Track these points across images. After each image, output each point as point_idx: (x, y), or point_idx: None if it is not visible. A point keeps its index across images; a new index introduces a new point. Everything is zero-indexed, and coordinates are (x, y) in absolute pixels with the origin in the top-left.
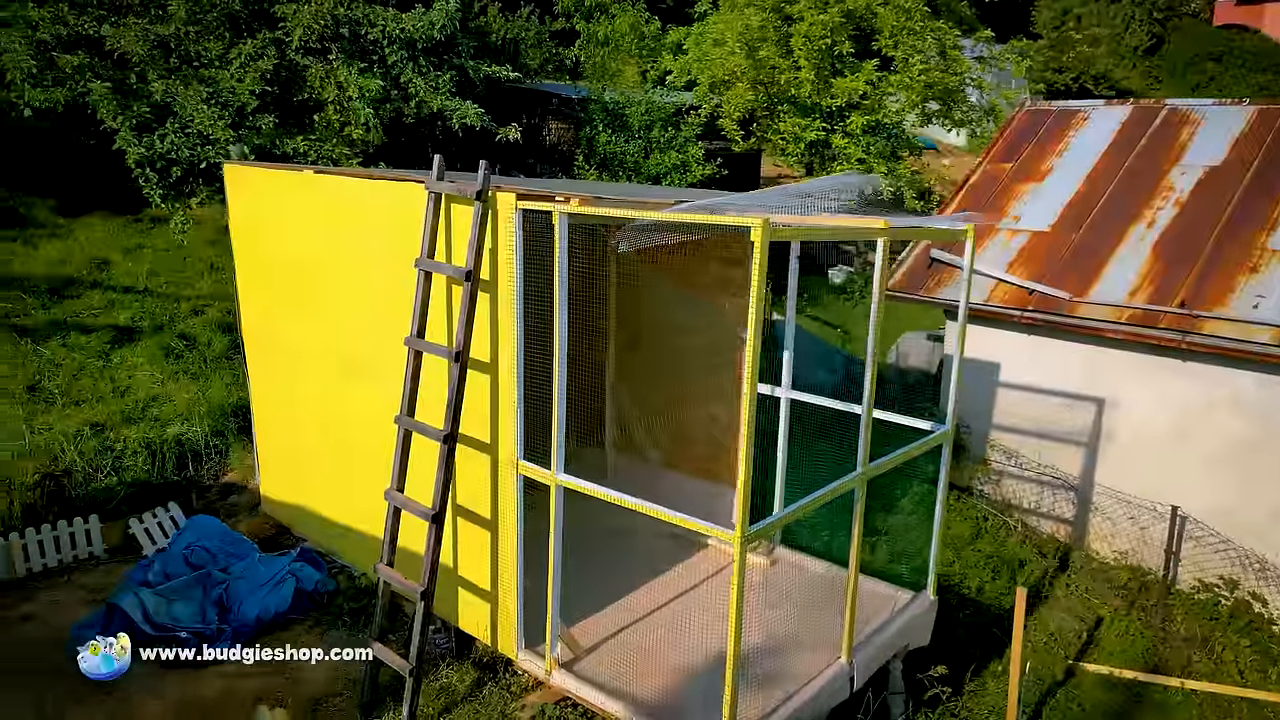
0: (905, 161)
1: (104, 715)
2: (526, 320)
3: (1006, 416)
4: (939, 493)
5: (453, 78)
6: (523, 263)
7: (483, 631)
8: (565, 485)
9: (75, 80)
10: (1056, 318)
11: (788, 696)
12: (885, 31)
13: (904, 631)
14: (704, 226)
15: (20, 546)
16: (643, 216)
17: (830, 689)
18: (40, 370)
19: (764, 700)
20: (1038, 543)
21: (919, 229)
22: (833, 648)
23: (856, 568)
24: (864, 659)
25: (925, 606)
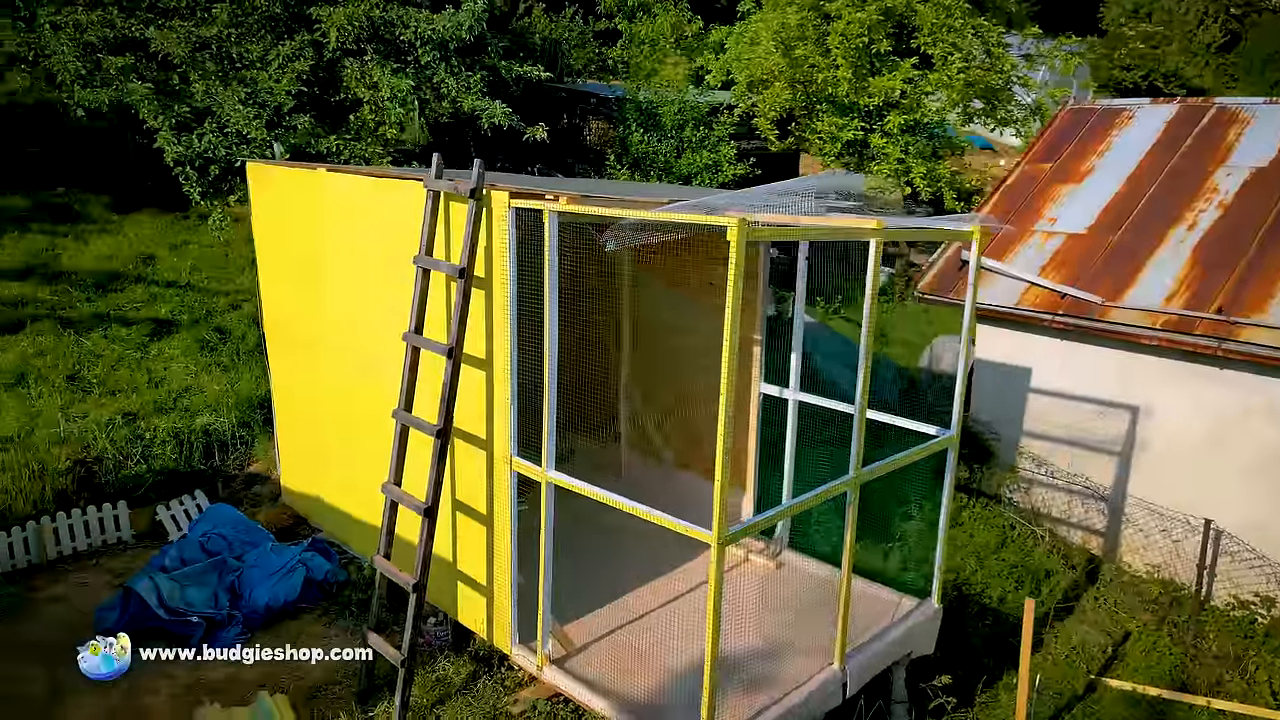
0: (945, 162)
1: (117, 694)
2: (534, 319)
3: (1037, 423)
4: (943, 499)
5: (483, 78)
6: (516, 260)
7: (479, 625)
8: (556, 483)
9: (120, 81)
10: (1088, 323)
11: (775, 700)
12: (925, 29)
13: (905, 639)
14: (688, 225)
15: (51, 530)
16: (627, 215)
17: (820, 694)
18: (80, 360)
19: (751, 703)
20: (1066, 553)
21: (919, 230)
22: (828, 653)
23: (849, 572)
24: (858, 665)
25: (929, 614)
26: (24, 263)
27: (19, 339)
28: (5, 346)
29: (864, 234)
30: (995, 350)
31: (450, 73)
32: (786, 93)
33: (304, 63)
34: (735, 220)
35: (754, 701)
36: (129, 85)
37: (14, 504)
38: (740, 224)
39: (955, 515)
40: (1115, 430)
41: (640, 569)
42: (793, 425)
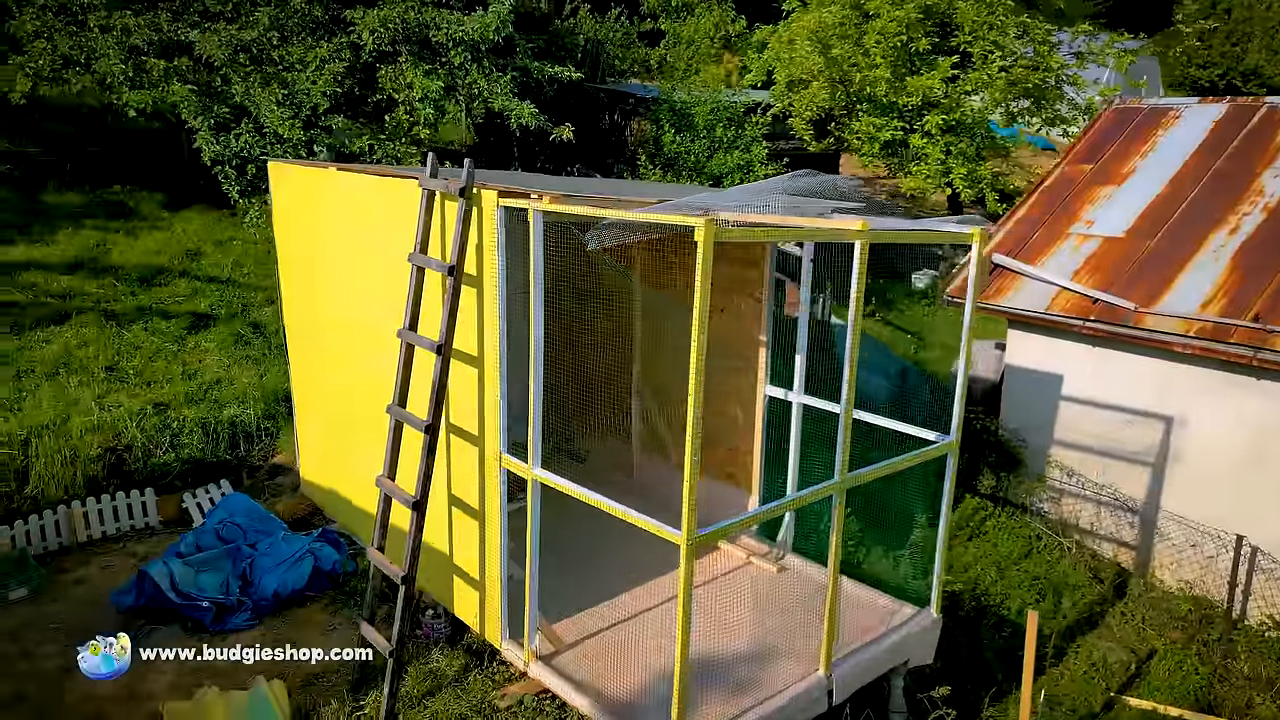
0: (987, 163)
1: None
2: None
3: (1068, 432)
4: (943, 507)
5: (514, 78)
6: (505, 258)
7: (473, 619)
8: (541, 480)
9: (162, 83)
10: (1119, 329)
11: (755, 704)
12: (965, 27)
13: (899, 648)
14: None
15: (81, 514)
16: (604, 215)
17: (802, 701)
18: (120, 352)
19: (731, 705)
20: (1095, 567)
21: (913, 232)
22: (817, 659)
23: (835, 577)
24: (847, 672)
25: (926, 624)
26: (75, 257)
27: (63, 330)
28: (50, 338)
29: (847, 236)
30: (1025, 356)
31: (482, 73)
32: (824, 93)
33: (339, 64)
34: (702, 221)
35: (734, 704)
36: (170, 86)
37: (46, 489)
38: (707, 224)
39: (979, 525)
40: (1148, 441)
41: (637, 569)
42: (796, 428)
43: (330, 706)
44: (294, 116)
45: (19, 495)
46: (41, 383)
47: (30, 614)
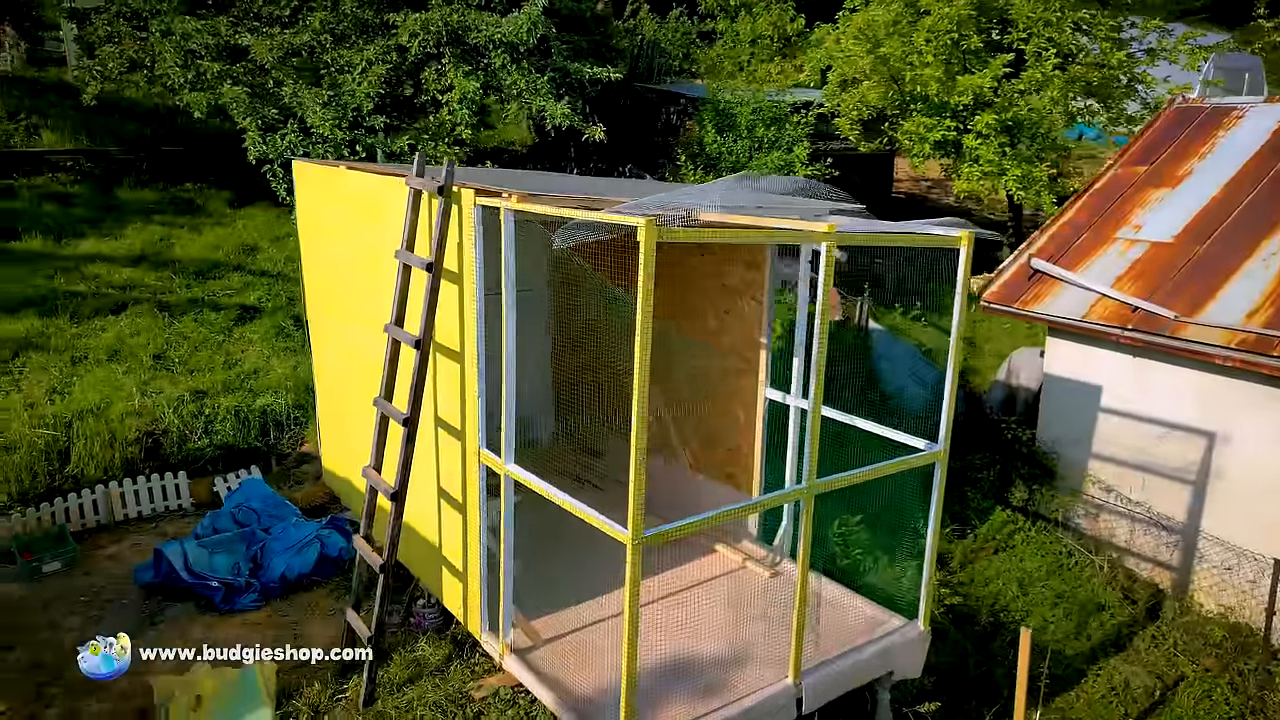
0: (1043, 165)
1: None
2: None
3: (1107, 445)
4: (930, 518)
5: (552, 79)
6: (483, 255)
7: (458, 610)
8: (514, 477)
9: (216, 84)
10: (1158, 339)
11: (719, 706)
12: (1020, 23)
13: (880, 659)
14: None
15: (118, 494)
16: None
17: (767, 707)
18: (169, 341)
19: (695, 707)
20: (1128, 587)
21: (895, 235)
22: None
23: (804, 585)
24: (819, 681)
25: (912, 636)
26: (140, 251)
27: (119, 320)
28: (106, 326)
29: (813, 238)
30: (1064, 366)
31: (522, 74)
32: (874, 92)
33: (382, 66)
34: (644, 221)
35: (699, 705)
36: (222, 88)
37: (86, 469)
38: (648, 225)
39: (1007, 538)
40: (1189, 457)
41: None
42: (794, 431)
43: (314, 688)
44: (339, 118)
45: (60, 474)
46: (93, 369)
47: (61, 586)
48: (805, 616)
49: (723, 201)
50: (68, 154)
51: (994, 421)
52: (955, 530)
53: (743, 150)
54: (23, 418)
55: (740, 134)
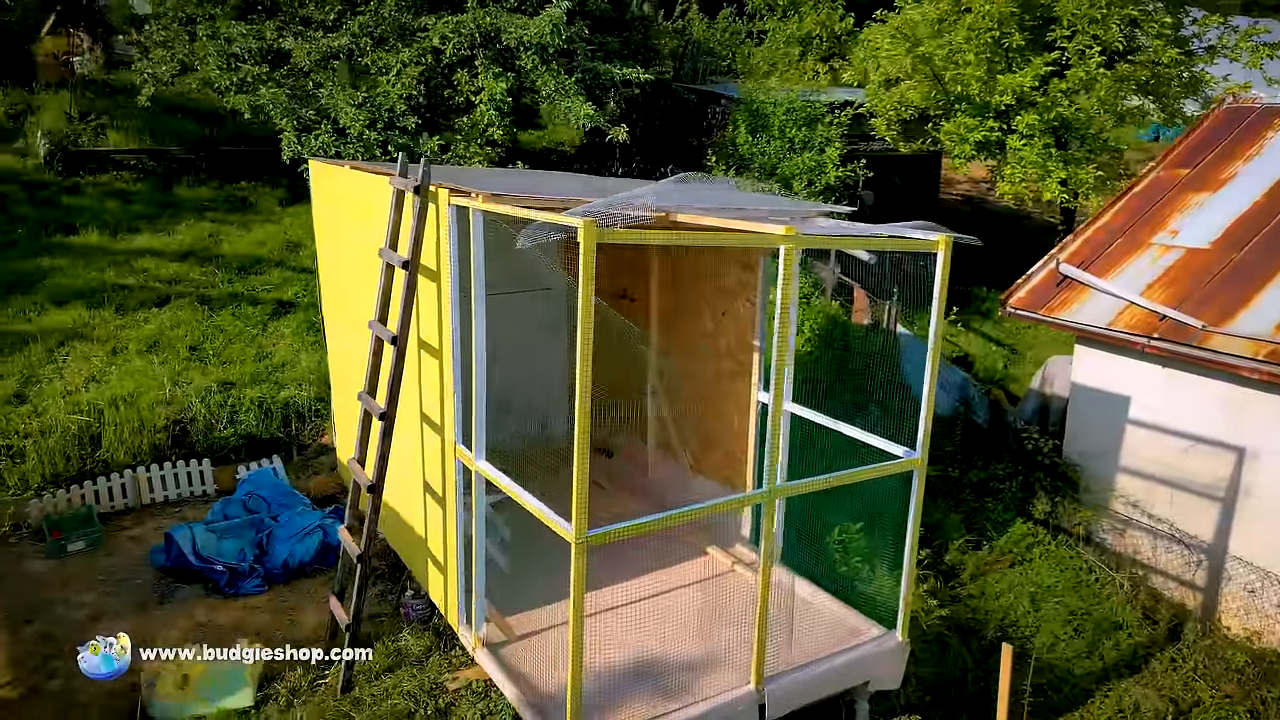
0: (1090, 167)
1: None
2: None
3: (1134, 458)
4: (909, 528)
5: (579, 80)
6: (458, 254)
7: (440, 602)
8: (482, 473)
9: (255, 87)
10: (1184, 349)
11: (676, 708)
12: (1064, 20)
13: (853, 669)
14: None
15: (145, 479)
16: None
17: (725, 712)
18: (206, 334)
19: (652, 708)
20: (1151, 607)
21: (863, 239)
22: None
23: (765, 591)
24: (783, 688)
25: (889, 647)
26: (189, 246)
27: (161, 312)
28: (150, 319)
29: (771, 240)
30: (1091, 375)
31: (551, 75)
32: (913, 92)
33: (415, 68)
34: (584, 222)
35: (657, 707)
36: (260, 89)
37: (116, 454)
38: (587, 226)
39: (1024, 551)
40: (1219, 473)
41: (619, 568)
42: (785, 435)
43: (296, 673)
44: (372, 118)
45: (92, 458)
46: (132, 359)
47: (83, 565)
48: (767, 623)
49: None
50: (131, 153)
51: (1015, 431)
52: (970, 542)
53: (775, 151)
54: (59, 404)
55: (773, 135)
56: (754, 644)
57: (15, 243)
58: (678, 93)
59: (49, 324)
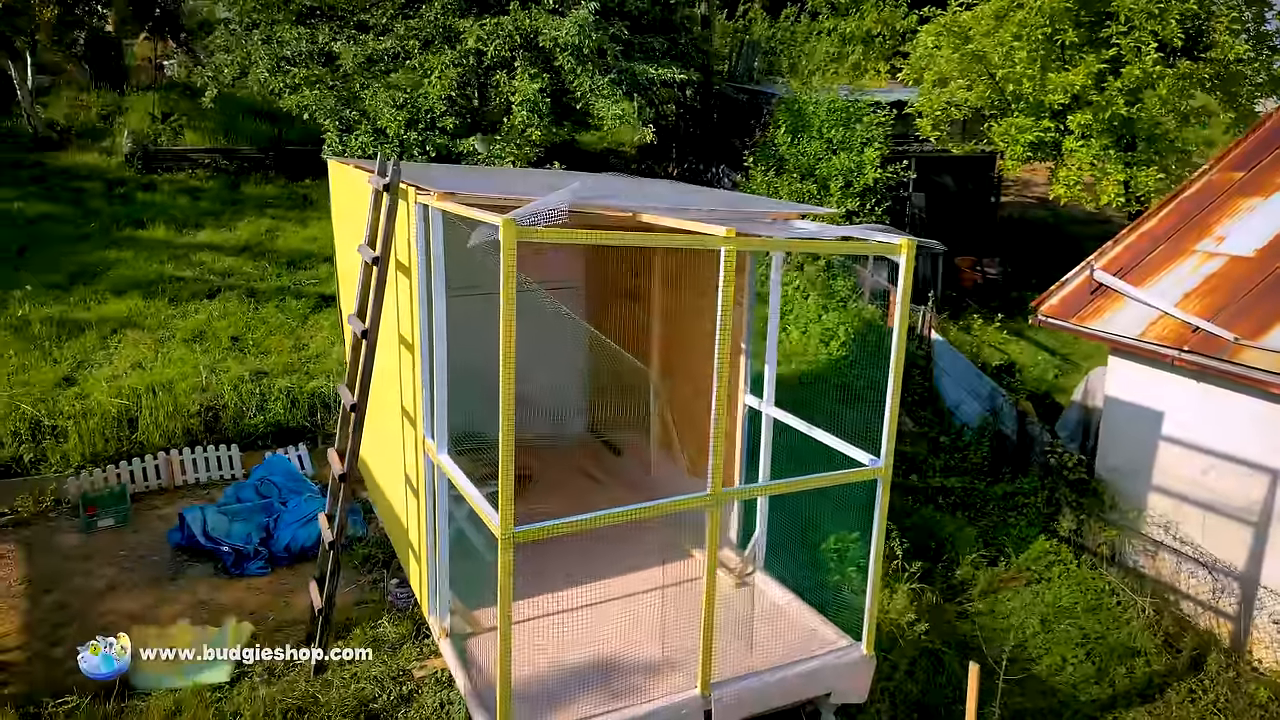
0: (1150, 170)
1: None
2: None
3: (1166, 477)
4: (873, 538)
5: (611, 80)
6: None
7: (417, 591)
8: (442, 467)
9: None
10: (1214, 363)
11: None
12: (1120, 15)
13: (809, 680)
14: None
15: (178, 461)
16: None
17: (667, 714)
18: (249, 325)
19: (595, 708)
20: (1174, 634)
21: (798, 241)
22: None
23: (712, 596)
24: (733, 694)
25: (853, 659)
26: (246, 241)
27: (211, 304)
28: (200, 310)
29: (711, 242)
30: (1124, 388)
31: (587, 75)
32: (962, 91)
33: (454, 70)
34: (506, 220)
35: (600, 706)
36: (304, 91)
37: (151, 437)
38: (508, 224)
39: (1043, 569)
40: (1252, 495)
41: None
42: (766, 438)
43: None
44: (411, 119)
45: (129, 440)
46: (177, 347)
47: (109, 540)
48: (713, 628)
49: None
50: (205, 152)
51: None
52: (986, 557)
53: (815, 152)
54: (103, 388)
55: (814, 135)
56: (699, 649)
57: (88, 236)
58: (728, 93)
59: (106, 312)
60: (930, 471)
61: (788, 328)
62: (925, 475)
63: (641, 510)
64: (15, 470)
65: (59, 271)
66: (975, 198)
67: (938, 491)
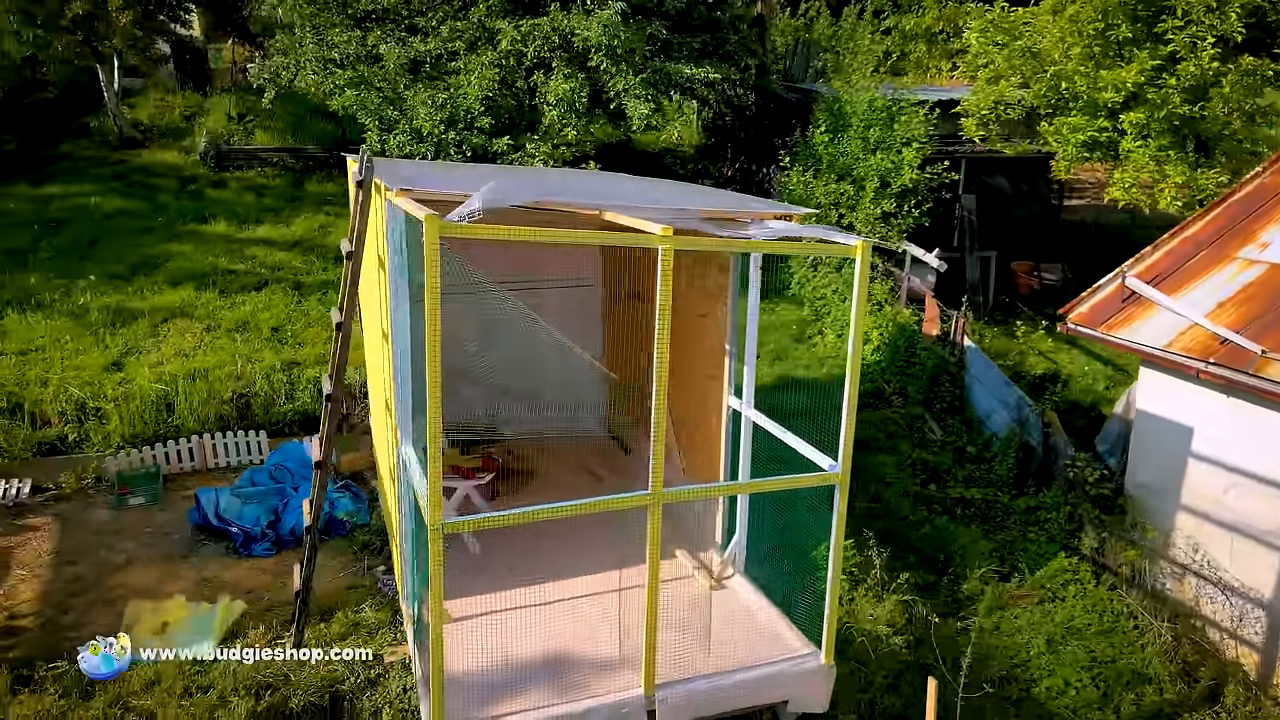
0: (1210, 172)
1: (157, 575)
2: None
3: (1193, 496)
4: (831, 546)
5: (643, 80)
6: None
7: (398, 578)
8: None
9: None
10: (1239, 376)
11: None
12: (1178, 9)
13: (767, 685)
14: None
15: (210, 445)
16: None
17: (607, 714)
18: (290, 317)
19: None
20: (1192, 661)
21: (740, 242)
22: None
23: (654, 597)
24: (680, 696)
25: (810, 668)
26: (299, 237)
27: (258, 296)
28: (246, 301)
29: (651, 241)
30: (1153, 401)
31: (621, 75)
32: (1015, 90)
33: (491, 70)
34: (428, 215)
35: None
36: (346, 92)
37: (186, 421)
38: (432, 219)
39: (1059, 588)
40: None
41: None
42: (746, 439)
43: (258, 630)
44: (451, 119)
45: (165, 423)
46: (220, 337)
47: (136, 518)
48: (655, 629)
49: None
50: (274, 151)
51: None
52: (999, 572)
53: (855, 151)
54: (146, 374)
55: (853, 134)
56: (643, 651)
57: (153, 229)
58: (776, 92)
59: (160, 302)
60: (951, 481)
61: (824, 331)
62: (945, 485)
63: (575, 507)
64: (61, 448)
65: (122, 263)
66: (1033, 200)
67: (957, 502)
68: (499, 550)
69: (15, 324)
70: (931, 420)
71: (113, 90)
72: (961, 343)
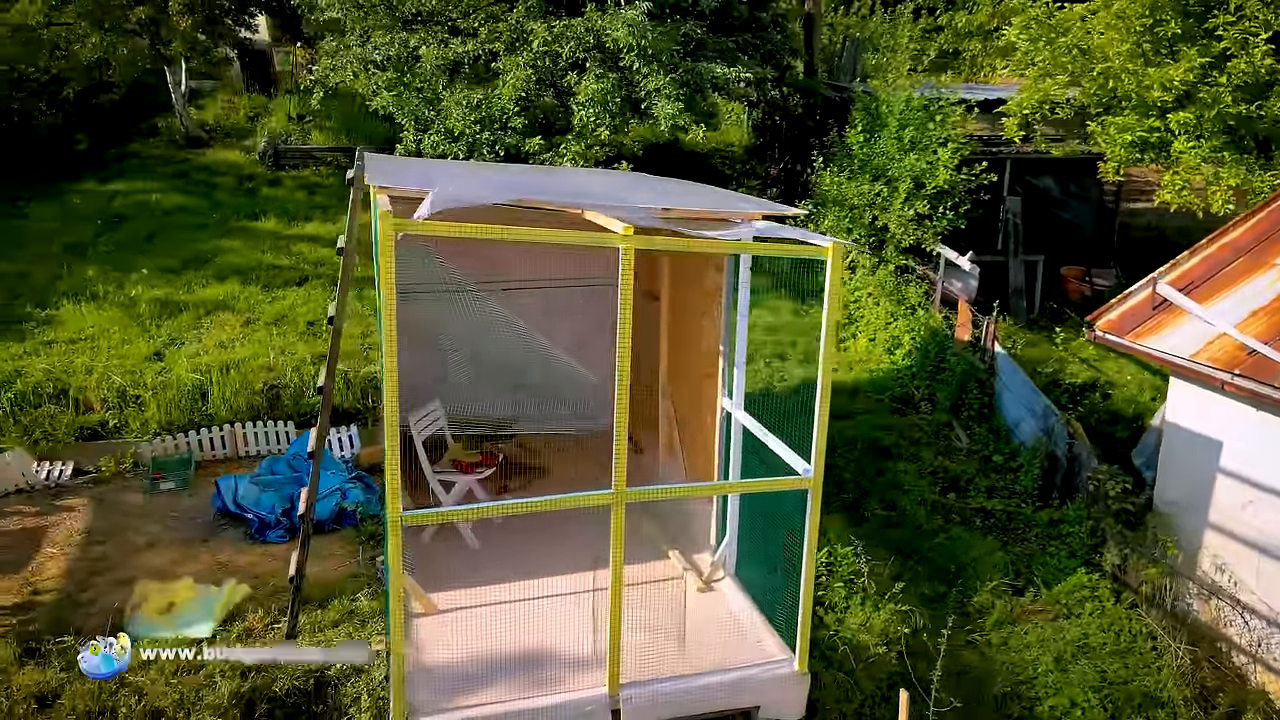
0: (1266, 175)
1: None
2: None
3: (1221, 514)
4: (804, 552)
5: (673, 80)
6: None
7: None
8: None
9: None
10: (1263, 389)
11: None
12: (1230, 3)
13: (737, 690)
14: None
15: (241, 434)
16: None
17: (570, 711)
18: (325, 311)
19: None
20: (1211, 687)
21: (705, 242)
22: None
23: (618, 597)
24: (646, 697)
25: (782, 674)
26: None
27: (298, 290)
28: (286, 296)
29: (611, 240)
30: (1182, 413)
31: (653, 75)
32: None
33: (525, 70)
34: (384, 213)
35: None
36: (383, 93)
37: (219, 410)
38: (386, 218)
39: (1075, 604)
40: None
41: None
42: (736, 440)
43: (257, 614)
44: (485, 119)
45: (200, 412)
46: (259, 330)
47: (165, 502)
48: (619, 629)
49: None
50: (328, 150)
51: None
52: (1013, 586)
53: (890, 151)
54: (184, 364)
55: (889, 134)
56: (607, 650)
57: (208, 225)
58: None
59: (206, 296)
60: (973, 491)
61: (856, 334)
62: (966, 494)
63: (540, 504)
64: (102, 434)
65: (175, 257)
66: (1084, 203)
67: (976, 513)
68: (488, 545)
69: (70, 314)
70: (959, 427)
71: (179, 92)
72: (992, 349)
